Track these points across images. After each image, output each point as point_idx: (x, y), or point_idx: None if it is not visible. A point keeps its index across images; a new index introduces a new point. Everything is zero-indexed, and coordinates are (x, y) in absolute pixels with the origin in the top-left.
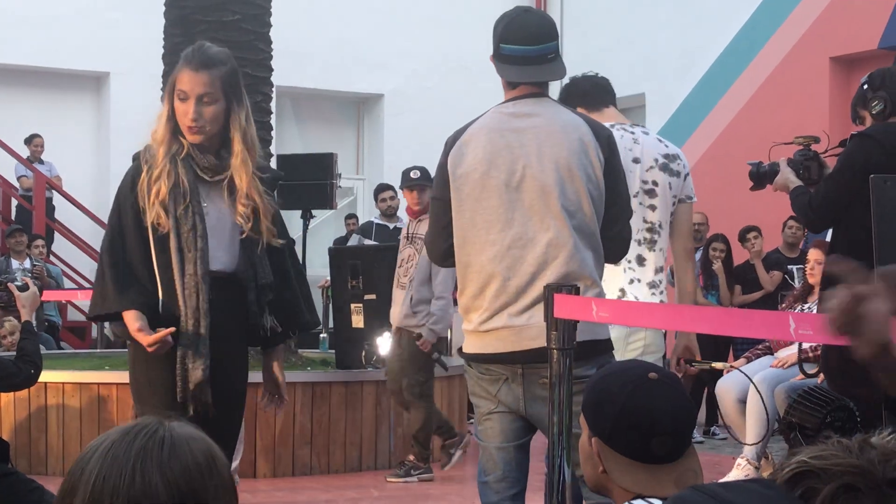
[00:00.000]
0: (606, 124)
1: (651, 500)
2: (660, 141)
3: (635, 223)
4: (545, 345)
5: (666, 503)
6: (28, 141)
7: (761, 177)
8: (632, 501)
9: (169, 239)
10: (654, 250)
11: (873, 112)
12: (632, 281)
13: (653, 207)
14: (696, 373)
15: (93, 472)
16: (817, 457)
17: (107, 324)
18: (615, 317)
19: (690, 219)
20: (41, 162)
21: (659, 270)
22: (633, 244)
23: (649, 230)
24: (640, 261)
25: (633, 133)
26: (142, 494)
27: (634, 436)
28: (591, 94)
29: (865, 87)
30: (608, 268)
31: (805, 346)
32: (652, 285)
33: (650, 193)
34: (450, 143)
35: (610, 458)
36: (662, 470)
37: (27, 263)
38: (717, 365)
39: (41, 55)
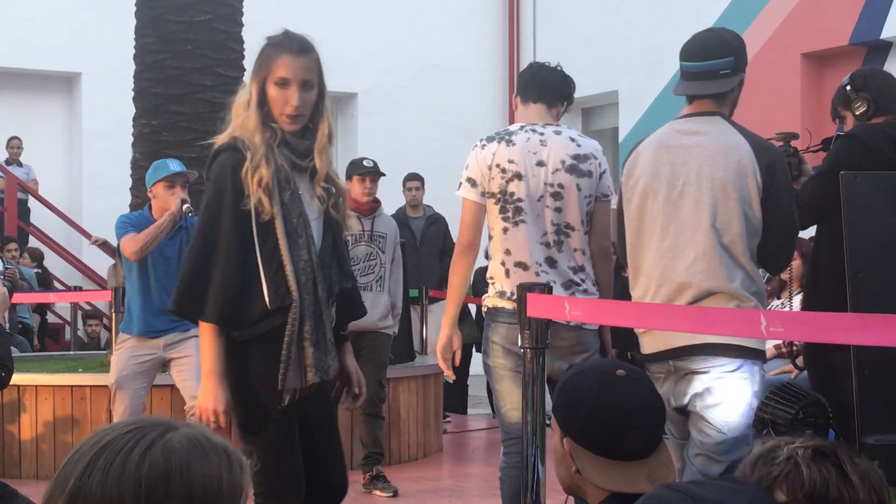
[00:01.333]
0: (517, 125)
1: None
2: (572, 140)
3: (542, 226)
4: (691, 342)
5: (639, 502)
6: (7, 143)
7: None
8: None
9: (274, 226)
10: (563, 251)
11: (856, 113)
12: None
13: (559, 210)
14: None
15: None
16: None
17: (81, 325)
18: (587, 315)
19: (607, 217)
20: (19, 164)
21: (578, 270)
22: (541, 247)
23: (556, 232)
24: (551, 263)
25: (541, 134)
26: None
27: (606, 433)
28: (526, 84)
29: (848, 87)
30: (519, 273)
31: (778, 341)
32: (568, 285)
33: (556, 196)
34: (627, 156)
35: (582, 457)
36: (635, 466)
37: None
38: None
39: (12, 56)
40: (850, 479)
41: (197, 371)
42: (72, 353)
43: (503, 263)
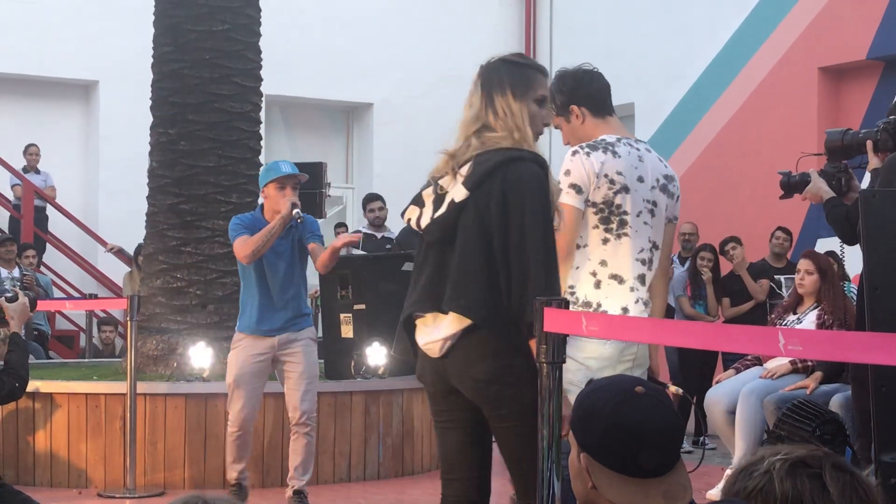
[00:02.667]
0: (612, 137)
1: None
2: (660, 160)
3: (640, 242)
4: None
5: None
6: (24, 150)
7: (791, 186)
8: None
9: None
10: (651, 269)
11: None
12: (637, 301)
13: (651, 227)
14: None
15: None
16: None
17: (96, 332)
18: (604, 331)
19: (672, 239)
20: (37, 171)
21: (649, 289)
22: (637, 263)
23: (651, 250)
24: (642, 280)
25: (638, 150)
26: None
27: (622, 450)
28: (596, 97)
29: None
30: (613, 286)
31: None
32: (646, 303)
33: (651, 213)
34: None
35: (599, 473)
36: (651, 484)
37: (16, 272)
38: (672, 389)
39: (29, 64)
40: (829, 491)
41: (304, 380)
42: (86, 360)
43: (594, 274)
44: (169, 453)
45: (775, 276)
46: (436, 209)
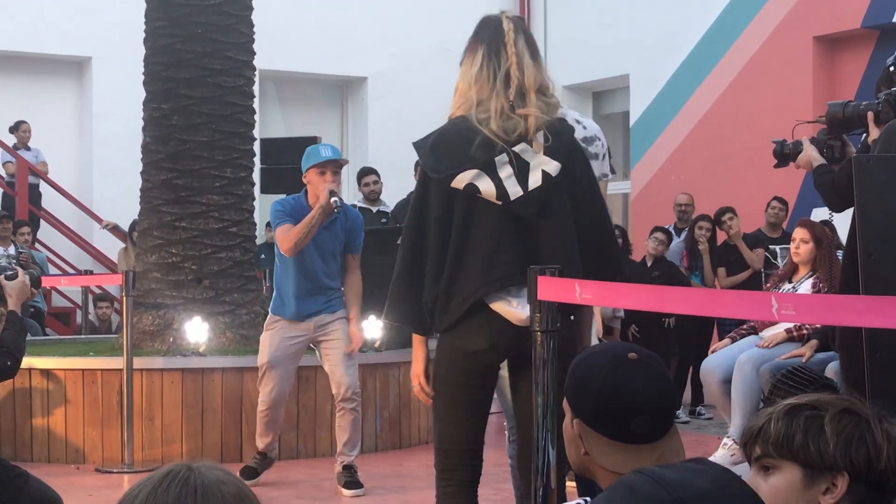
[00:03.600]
0: None
1: None
2: (577, 122)
3: None
4: None
5: (610, 486)
6: (15, 127)
7: (785, 156)
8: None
9: None
10: None
11: (885, 93)
12: None
13: None
14: None
15: None
16: (801, 397)
17: (92, 309)
18: (599, 298)
19: (605, 193)
20: (27, 148)
21: None
22: None
23: None
24: None
25: None
26: None
27: (615, 416)
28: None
29: (892, 68)
30: None
31: (790, 325)
32: None
33: None
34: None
35: (592, 439)
36: (644, 450)
37: (12, 250)
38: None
39: (22, 40)
40: (825, 432)
41: (346, 357)
42: (83, 336)
43: None
44: (166, 428)
45: (770, 246)
46: (521, 180)
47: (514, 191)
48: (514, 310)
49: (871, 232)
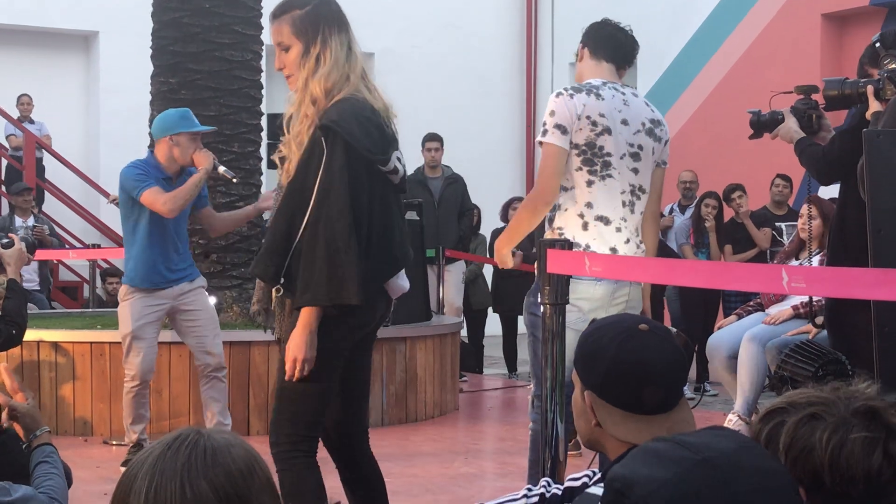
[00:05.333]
0: (598, 81)
1: None
2: (647, 105)
3: (621, 185)
4: None
5: (631, 453)
6: (17, 101)
7: (761, 125)
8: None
9: None
10: (634, 213)
11: (887, 70)
12: (627, 241)
13: (636, 171)
14: None
15: (142, 488)
16: (788, 397)
17: (100, 283)
18: (608, 271)
19: (661, 183)
20: (31, 121)
21: (637, 232)
22: (619, 206)
23: (632, 193)
24: (625, 222)
25: (623, 94)
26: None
27: (626, 387)
28: (600, 41)
29: (877, 44)
30: (600, 227)
31: (797, 301)
32: (638, 244)
33: (635, 157)
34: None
35: (603, 410)
36: (655, 421)
37: (31, 221)
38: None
39: (29, 15)
40: (780, 444)
41: (212, 326)
42: (90, 310)
43: (582, 216)
44: (174, 401)
45: (776, 224)
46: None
47: (404, 171)
48: (402, 282)
49: (881, 207)
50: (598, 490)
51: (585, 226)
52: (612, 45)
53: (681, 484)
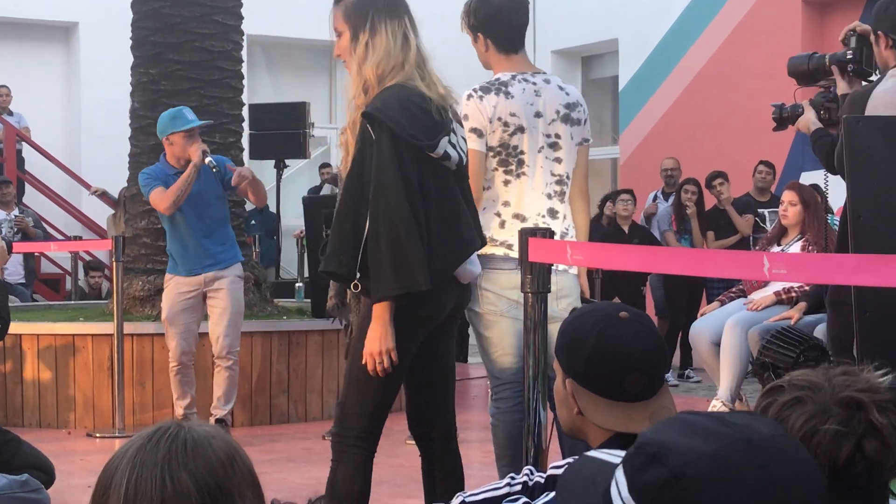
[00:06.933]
0: (507, 75)
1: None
2: (561, 89)
3: (543, 178)
4: None
5: (660, 422)
6: None
7: (784, 119)
8: None
9: None
10: (565, 202)
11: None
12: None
13: (558, 160)
14: None
15: (122, 480)
16: (792, 375)
17: (82, 275)
18: (589, 259)
19: (586, 161)
20: (9, 113)
21: (567, 216)
22: (543, 198)
23: (558, 182)
24: (553, 214)
25: (534, 84)
26: (174, 496)
27: (607, 374)
28: (503, 36)
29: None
30: (517, 224)
31: (779, 288)
32: (563, 235)
33: (553, 147)
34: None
35: (584, 398)
36: (636, 408)
37: (14, 213)
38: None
39: (8, 5)
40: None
41: (228, 315)
42: (72, 302)
43: (499, 214)
44: (157, 393)
45: (759, 210)
46: (455, 145)
47: (460, 156)
48: (473, 268)
49: (861, 193)
50: (599, 454)
51: (503, 224)
52: (513, 34)
53: (721, 459)
